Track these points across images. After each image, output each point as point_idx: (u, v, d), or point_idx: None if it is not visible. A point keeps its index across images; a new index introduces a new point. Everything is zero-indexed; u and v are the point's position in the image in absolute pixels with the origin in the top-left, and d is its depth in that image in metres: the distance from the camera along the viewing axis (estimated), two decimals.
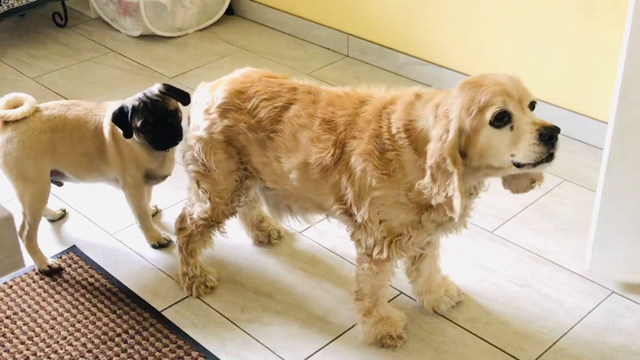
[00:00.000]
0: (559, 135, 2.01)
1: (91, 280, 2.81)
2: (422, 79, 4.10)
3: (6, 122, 2.73)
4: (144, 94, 2.75)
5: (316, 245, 3.00)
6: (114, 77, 4.23)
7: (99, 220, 3.14)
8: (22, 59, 4.41)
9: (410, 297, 2.72)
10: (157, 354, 2.50)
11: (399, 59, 4.19)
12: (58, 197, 3.22)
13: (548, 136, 1.98)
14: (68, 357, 2.49)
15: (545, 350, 2.51)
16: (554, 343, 2.54)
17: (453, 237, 2.44)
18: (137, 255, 2.96)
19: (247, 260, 2.93)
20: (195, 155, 2.53)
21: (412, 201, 2.22)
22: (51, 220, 3.12)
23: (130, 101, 2.74)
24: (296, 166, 2.36)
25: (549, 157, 2.02)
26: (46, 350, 2.51)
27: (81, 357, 2.49)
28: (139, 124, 2.70)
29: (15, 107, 2.75)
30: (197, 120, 2.52)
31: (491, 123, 2.00)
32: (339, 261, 2.91)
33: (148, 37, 4.63)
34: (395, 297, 2.73)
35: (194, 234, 2.68)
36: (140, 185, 2.86)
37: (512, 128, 2.00)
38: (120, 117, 2.71)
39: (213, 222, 2.63)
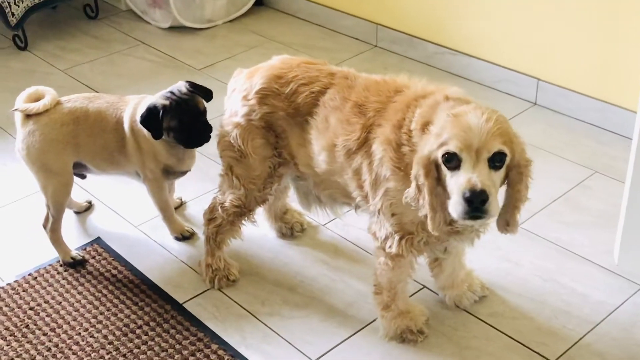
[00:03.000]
0: (484, 201, 1.97)
1: (114, 272, 2.82)
2: (451, 69, 4.04)
3: (28, 116, 2.75)
4: (172, 92, 2.72)
5: (339, 238, 2.97)
6: (143, 70, 4.24)
7: (123, 212, 3.15)
8: (52, 51, 4.44)
9: (433, 291, 2.68)
10: (177, 346, 2.50)
11: (428, 48, 4.14)
12: (84, 189, 3.24)
13: (469, 201, 1.96)
14: (89, 348, 2.51)
15: (571, 347, 2.46)
16: (580, 339, 2.49)
17: None
18: (161, 247, 2.96)
19: (269, 252, 2.92)
20: (232, 141, 2.53)
21: None
22: (77, 212, 3.14)
23: (159, 101, 2.69)
24: (325, 147, 2.37)
25: (472, 217, 1.99)
26: (68, 341, 2.53)
27: (102, 348, 2.50)
28: (173, 124, 2.68)
29: (37, 100, 2.76)
30: (234, 106, 2.53)
31: (443, 160, 2.01)
32: (361, 254, 2.88)
33: (177, 28, 4.63)
34: (417, 292, 2.69)
35: (223, 224, 2.67)
36: (161, 179, 2.86)
37: (458, 174, 2.01)
38: (149, 119, 2.67)
39: (245, 209, 2.64)
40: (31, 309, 2.67)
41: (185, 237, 2.98)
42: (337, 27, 4.54)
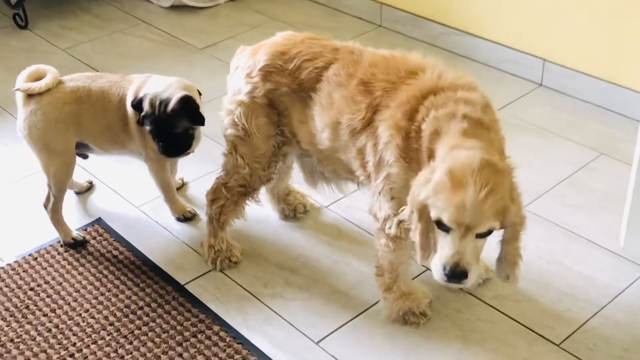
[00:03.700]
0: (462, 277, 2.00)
1: (115, 252, 2.80)
2: (457, 49, 4.00)
3: (30, 95, 2.71)
4: (161, 102, 2.63)
5: (341, 220, 2.94)
6: (145, 49, 4.20)
7: (124, 193, 3.13)
8: (53, 30, 4.40)
9: None
10: (179, 327, 2.48)
11: (434, 29, 4.09)
12: (85, 169, 3.21)
13: (447, 275, 1.99)
14: (90, 329, 2.49)
15: (575, 330, 2.44)
16: (585, 322, 2.46)
17: None
18: (162, 228, 2.94)
19: (272, 234, 2.89)
20: (236, 120, 2.51)
21: None
22: (78, 193, 3.11)
23: (147, 99, 2.65)
24: (328, 125, 2.34)
25: (450, 283, 2.03)
26: (68, 322, 2.51)
27: (103, 329, 2.49)
28: (150, 130, 2.67)
29: (38, 79, 2.73)
30: (238, 84, 2.50)
31: (434, 220, 2.00)
32: (364, 235, 2.85)
33: (179, 7, 4.59)
34: (421, 274, 2.67)
35: (227, 204, 2.65)
36: (162, 159, 2.83)
37: (445, 237, 1.99)
38: (136, 107, 2.68)
39: (250, 188, 2.62)
40: (31, 289, 2.65)
41: (187, 218, 2.95)
42: (340, 6, 4.49)
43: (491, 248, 2.66)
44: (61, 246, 2.83)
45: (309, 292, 2.63)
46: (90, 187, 3.15)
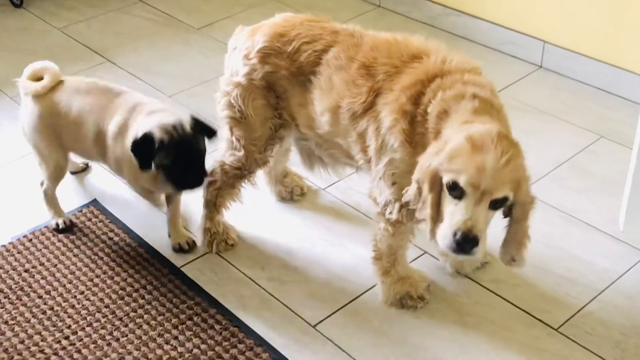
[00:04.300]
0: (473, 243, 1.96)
1: (111, 234, 2.78)
2: (456, 30, 3.96)
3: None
4: (174, 126, 2.40)
5: (339, 202, 2.92)
6: (141, 28, 4.16)
7: None
8: (48, 9, 4.35)
9: (434, 256, 2.64)
10: (175, 310, 2.47)
11: (433, 9, 4.05)
12: None
13: (458, 242, 1.94)
14: (85, 311, 2.47)
15: (574, 314, 2.43)
16: (583, 307, 2.45)
17: None
18: (158, 210, 2.91)
19: (268, 217, 2.87)
20: (232, 102, 2.48)
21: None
22: (73, 173, 3.09)
23: (157, 130, 2.38)
24: (328, 108, 2.31)
25: (457, 253, 1.99)
26: (63, 304, 2.50)
27: (98, 311, 2.47)
28: (166, 162, 2.39)
29: (41, 77, 2.66)
30: (235, 65, 2.47)
31: (447, 185, 1.96)
32: (361, 219, 2.83)
33: None
34: (418, 257, 2.65)
35: (223, 187, 2.63)
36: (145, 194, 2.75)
37: (457, 204, 1.96)
38: (142, 148, 2.37)
39: (246, 171, 2.59)
40: (26, 271, 2.63)
41: (183, 249, 2.70)
42: None
43: (492, 235, 2.65)
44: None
45: (305, 275, 2.61)
46: (85, 168, 3.12)
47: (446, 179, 1.95)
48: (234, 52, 2.51)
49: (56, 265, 2.65)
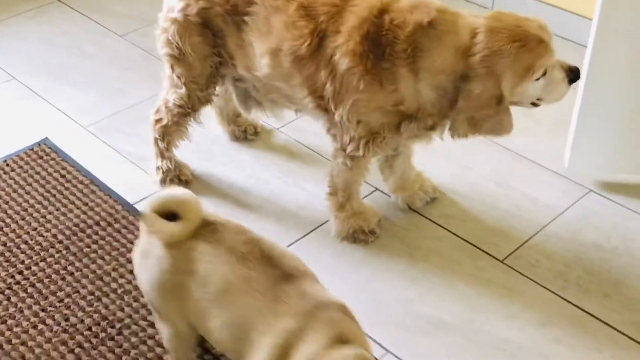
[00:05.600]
0: None
1: (63, 172, 2.76)
2: None
3: None
4: None
5: (293, 142, 2.95)
6: None
7: (72, 113, 3.07)
8: None
9: (385, 193, 2.69)
10: (129, 245, 2.48)
11: None
12: (31, 89, 3.14)
13: (574, 73, 2.22)
14: (39, 247, 2.47)
15: (519, 247, 2.51)
16: (528, 239, 2.53)
17: None
18: (110, 148, 2.91)
19: (222, 156, 2.89)
20: (170, 38, 2.44)
21: (397, 110, 2.18)
22: None
23: None
24: (267, 51, 2.29)
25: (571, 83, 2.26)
26: (16, 240, 2.49)
27: (52, 247, 2.47)
28: None
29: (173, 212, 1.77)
30: (172, 1, 2.43)
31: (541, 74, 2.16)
32: (315, 158, 2.87)
33: None
34: (370, 194, 2.70)
35: (169, 125, 2.61)
36: None
37: (544, 74, 2.16)
38: None
39: (189, 109, 2.56)
40: None
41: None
42: None
43: (439, 171, 2.70)
44: (7, 165, 2.78)
45: (259, 212, 2.64)
46: None
47: (537, 76, 2.16)
48: None
49: (8, 202, 2.63)
